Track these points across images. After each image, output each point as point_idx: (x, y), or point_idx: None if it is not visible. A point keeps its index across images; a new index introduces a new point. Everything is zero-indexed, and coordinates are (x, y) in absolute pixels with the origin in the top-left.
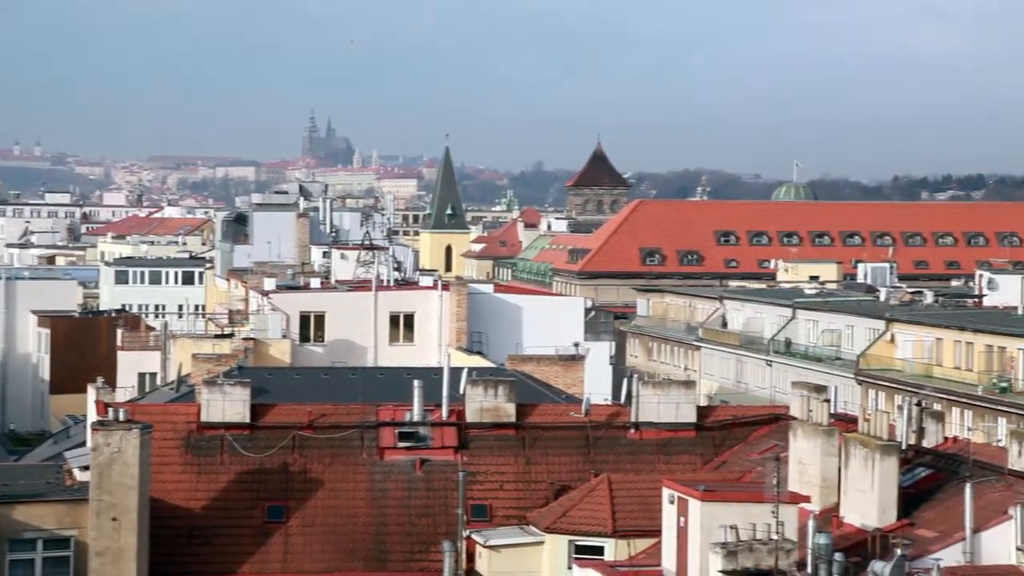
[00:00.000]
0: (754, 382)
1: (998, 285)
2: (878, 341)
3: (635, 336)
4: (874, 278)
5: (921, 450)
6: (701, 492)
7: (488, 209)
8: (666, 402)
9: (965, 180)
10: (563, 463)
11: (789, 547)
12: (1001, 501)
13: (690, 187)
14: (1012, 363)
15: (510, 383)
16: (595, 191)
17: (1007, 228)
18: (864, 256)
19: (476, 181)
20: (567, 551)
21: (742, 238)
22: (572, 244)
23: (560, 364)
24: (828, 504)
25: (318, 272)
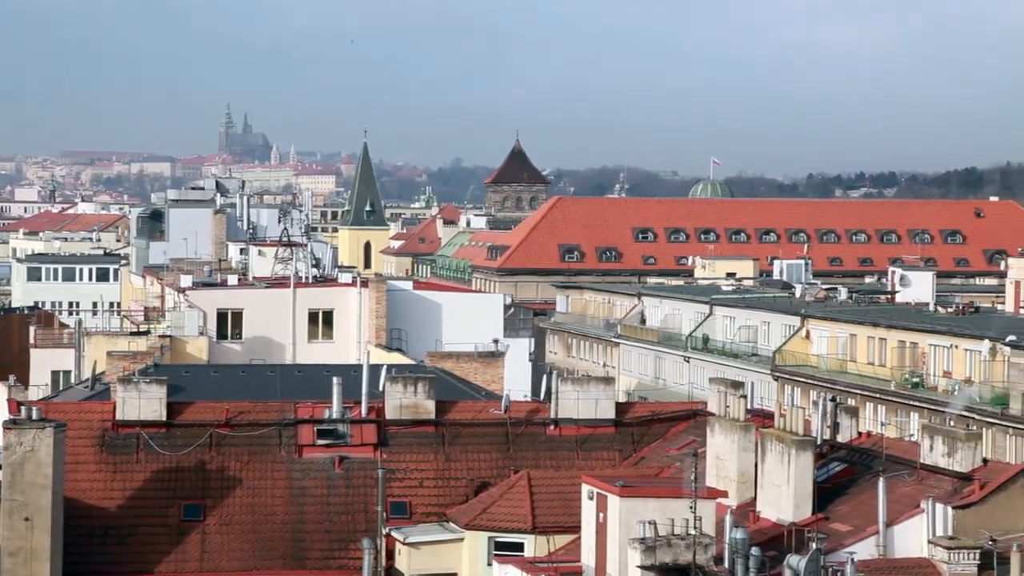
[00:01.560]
0: (672, 378)
1: (910, 282)
2: (794, 337)
3: (554, 333)
4: (790, 275)
5: (836, 445)
6: (620, 488)
7: (407, 206)
8: (585, 398)
9: (878, 178)
10: (483, 460)
11: (707, 542)
12: (913, 495)
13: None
14: (924, 359)
15: (429, 380)
16: (514, 188)
17: (919, 225)
18: (780, 253)
19: (395, 178)
20: (487, 548)
21: (660, 235)
22: (491, 241)
23: (479, 361)
24: (745, 499)
25: (235, 269)
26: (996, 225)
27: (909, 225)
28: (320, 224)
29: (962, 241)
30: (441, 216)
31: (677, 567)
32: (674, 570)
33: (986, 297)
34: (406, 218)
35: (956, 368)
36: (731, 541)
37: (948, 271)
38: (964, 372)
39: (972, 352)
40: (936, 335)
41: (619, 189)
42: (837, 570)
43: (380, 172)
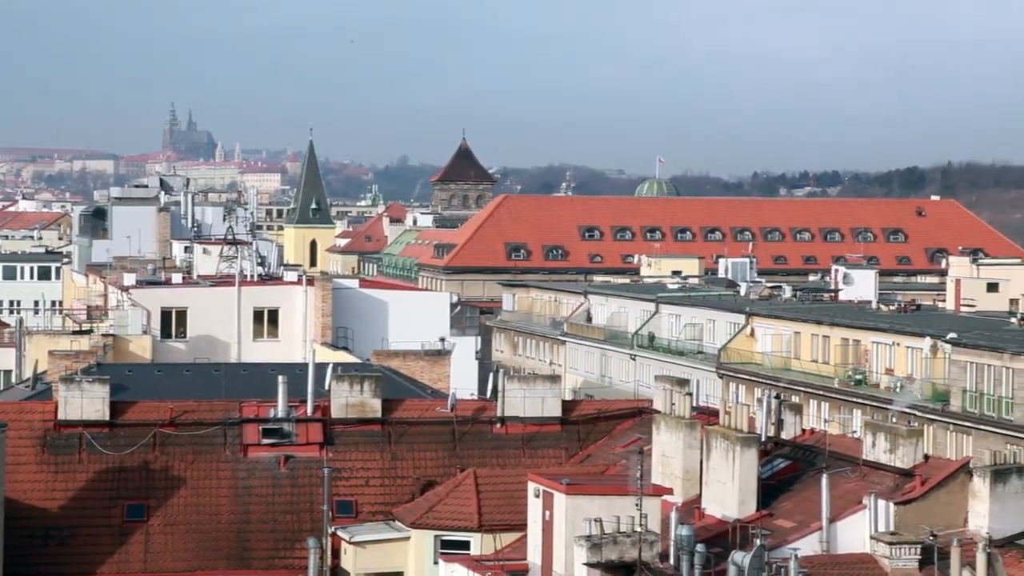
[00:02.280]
0: (618, 376)
1: (853, 280)
2: (738, 335)
3: (501, 331)
4: (734, 273)
5: (780, 442)
6: (566, 486)
7: (353, 204)
8: (531, 396)
9: (822, 177)
10: (429, 458)
11: (652, 539)
12: (856, 491)
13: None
14: (867, 356)
15: (375, 378)
16: (461, 186)
17: (862, 224)
18: (725, 251)
19: (341, 176)
20: (433, 546)
21: (606, 233)
22: (438, 239)
23: (426, 359)
24: (690, 496)
25: (180, 267)
26: (937, 224)
27: (852, 224)
28: (265, 222)
29: (904, 240)
30: (387, 214)
31: (623, 564)
32: (620, 567)
33: (927, 295)
34: (352, 216)
35: (898, 365)
36: (676, 538)
37: (890, 269)
38: (906, 369)
39: (914, 350)
40: (878, 333)
41: (565, 187)
42: (781, 566)
43: (326, 170)
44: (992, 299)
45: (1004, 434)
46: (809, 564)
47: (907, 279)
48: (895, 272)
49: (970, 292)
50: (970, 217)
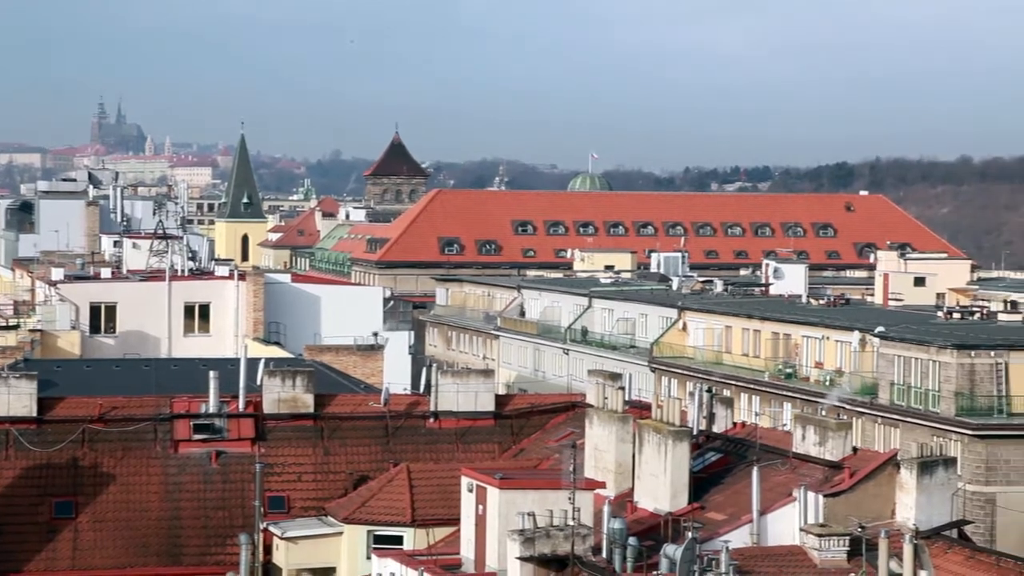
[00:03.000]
0: (551, 370)
1: (783, 274)
2: (671, 329)
3: (434, 325)
4: (667, 267)
5: (711, 435)
6: (499, 480)
7: (285, 198)
8: (465, 391)
9: (752, 172)
10: (362, 453)
11: (585, 532)
12: (786, 483)
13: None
14: (797, 350)
15: (308, 373)
16: (394, 180)
17: (792, 219)
18: (657, 246)
19: (273, 170)
20: (366, 541)
21: (539, 228)
22: (371, 233)
23: (359, 354)
24: (623, 489)
25: (109, 262)
26: (866, 219)
27: (782, 218)
28: (196, 216)
29: (833, 234)
30: (320, 209)
31: (556, 558)
32: (553, 561)
33: (856, 289)
34: (284, 211)
35: (827, 359)
36: (609, 531)
37: (820, 264)
38: (835, 363)
39: (843, 343)
40: (808, 327)
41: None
42: (712, 558)
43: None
44: (919, 293)
45: (931, 427)
46: (740, 556)
47: (836, 273)
48: (824, 266)
49: (898, 286)
50: (898, 212)
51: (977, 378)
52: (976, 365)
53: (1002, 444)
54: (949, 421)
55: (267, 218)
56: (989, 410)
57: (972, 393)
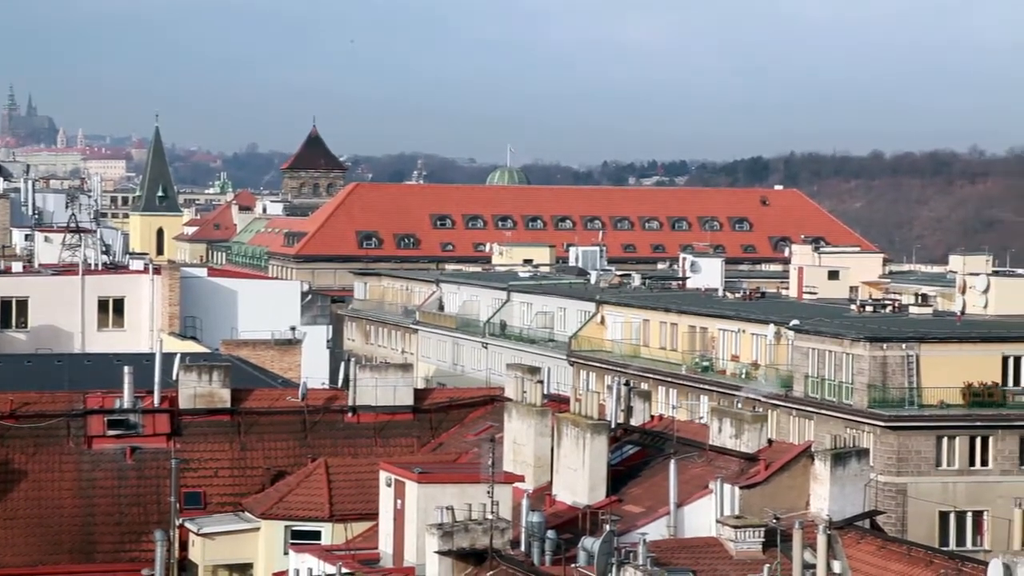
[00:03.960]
0: (470, 364)
1: (700, 268)
2: (589, 323)
3: (352, 320)
4: (585, 261)
5: (629, 428)
6: (417, 474)
7: (201, 191)
8: (383, 385)
9: (669, 166)
10: (280, 448)
11: (503, 526)
12: (703, 476)
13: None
14: (713, 343)
15: (224, 368)
16: (311, 174)
17: (708, 213)
18: (575, 240)
19: (188, 163)
20: (283, 537)
21: (458, 222)
22: (288, 227)
23: (276, 348)
24: (542, 483)
25: (20, 256)
26: (781, 213)
27: (699, 212)
28: (110, 210)
29: (749, 228)
30: (236, 202)
31: (474, 551)
32: (471, 555)
33: (771, 283)
34: (200, 204)
35: (743, 352)
36: (527, 525)
37: (736, 257)
38: (751, 356)
39: (758, 336)
40: (724, 320)
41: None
42: (629, 551)
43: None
44: (833, 286)
45: (844, 418)
46: (657, 548)
47: (752, 267)
48: (741, 260)
49: (812, 280)
50: (812, 206)
51: (889, 370)
52: (888, 357)
53: (913, 435)
54: (862, 413)
55: (183, 212)
56: (901, 402)
57: (884, 385)
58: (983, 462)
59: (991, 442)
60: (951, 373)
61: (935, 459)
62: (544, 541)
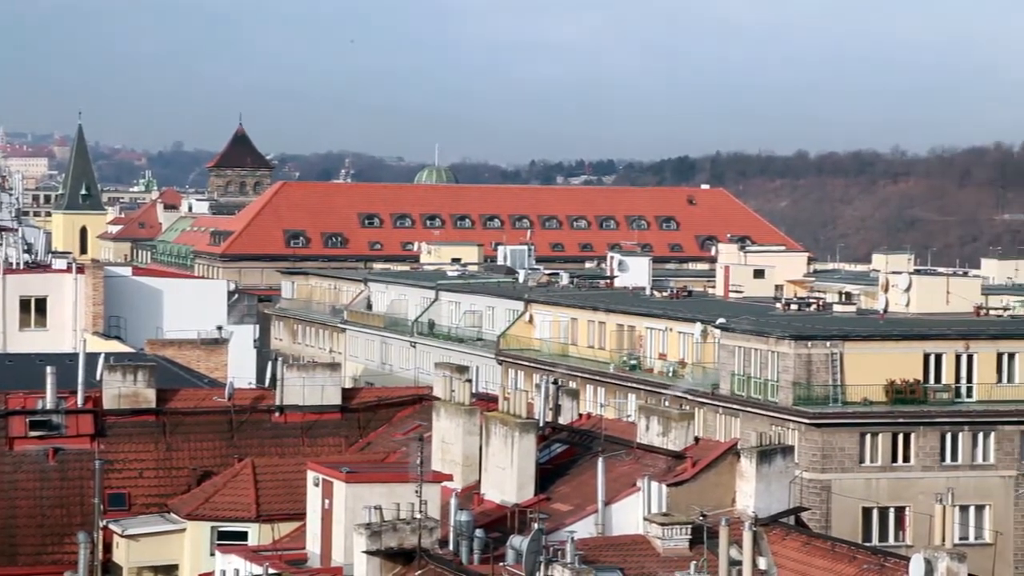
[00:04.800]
0: (398, 363)
1: (628, 267)
2: (517, 322)
3: (280, 319)
4: (513, 260)
5: (557, 427)
6: (345, 474)
7: (126, 190)
8: (311, 385)
9: (597, 165)
10: (206, 448)
11: (432, 525)
12: (630, 474)
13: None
14: (641, 342)
15: (149, 368)
16: (238, 172)
17: (636, 212)
18: (503, 239)
19: (112, 161)
20: (209, 537)
21: (386, 220)
22: (214, 226)
23: (202, 348)
24: (470, 482)
25: None
26: (707, 212)
27: (626, 212)
28: (32, 208)
29: (676, 228)
30: (162, 200)
31: (402, 551)
32: (399, 554)
33: (698, 281)
34: (124, 203)
35: (671, 350)
36: (456, 524)
37: (663, 256)
38: (678, 354)
39: (685, 335)
40: (652, 319)
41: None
42: (558, 549)
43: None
44: (759, 285)
45: (770, 416)
46: (585, 547)
47: (679, 266)
48: (668, 259)
49: (738, 278)
50: (738, 205)
51: (813, 368)
52: (812, 355)
53: (837, 432)
54: (787, 410)
55: (107, 210)
56: (825, 399)
57: (809, 383)
58: (905, 458)
59: (913, 439)
60: (874, 371)
61: (858, 456)
62: (472, 540)
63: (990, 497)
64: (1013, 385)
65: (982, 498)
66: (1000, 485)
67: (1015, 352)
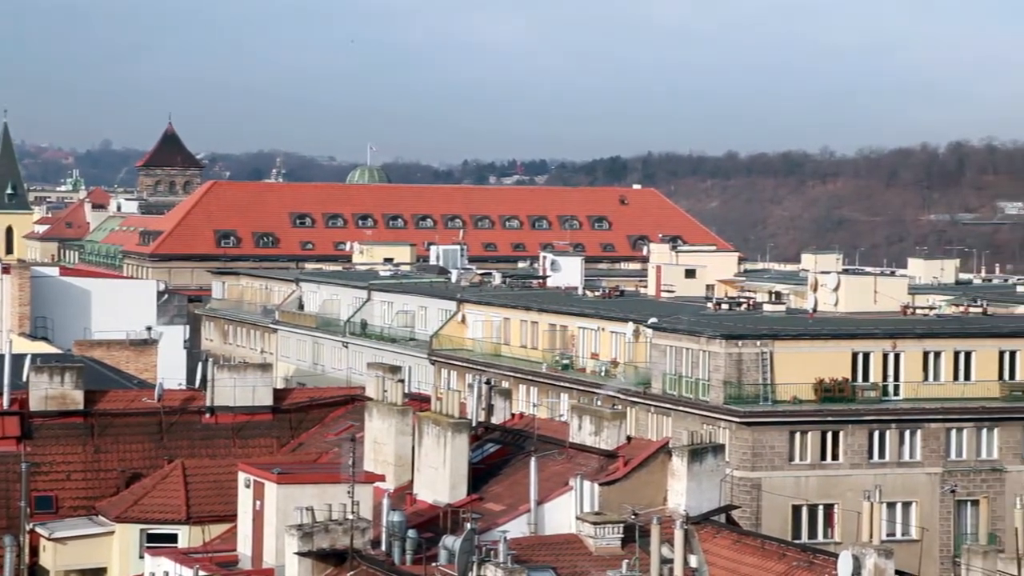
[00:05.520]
0: (331, 364)
1: (560, 266)
2: (450, 321)
3: (210, 319)
4: (446, 260)
5: (490, 426)
6: (277, 475)
7: (53, 189)
8: (242, 385)
9: (530, 165)
10: (135, 450)
11: (364, 526)
12: (563, 473)
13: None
14: (573, 341)
15: (77, 369)
16: (167, 172)
17: (568, 212)
18: (436, 238)
19: (39, 160)
20: (139, 540)
21: (318, 220)
22: (144, 226)
23: (132, 349)
24: (403, 482)
25: None
26: (639, 212)
27: (559, 212)
28: None
29: (608, 227)
30: (90, 200)
31: (334, 552)
32: (331, 555)
33: (630, 281)
34: (52, 202)
35: (603, 350)
36: (388, 524)
37: (595, 256)
38: (610, 354)
39: (617, 334)
40: (584, 318)
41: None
42: (490, 549)
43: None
44: (690, 285)
45: (701, 415)
46: (517, 546)
47: (611, 266)
48: (600, 259)
49: (670, 278)
50: (669, 205)
51: (744, 367)
52: (743, 354)
53: (767, 430)
54: (718, 409)
55: (33, 210)
56: (755, 398)
57: (739, 382)
58: (834, 456)
59: (841, 436)
60: (803, 369)
61: (788, 454)
62: (405, 540)
63: (916, 494)
64: (939, 383)
65: (909, 495)
66: (926, 482)
67: (941, 351)
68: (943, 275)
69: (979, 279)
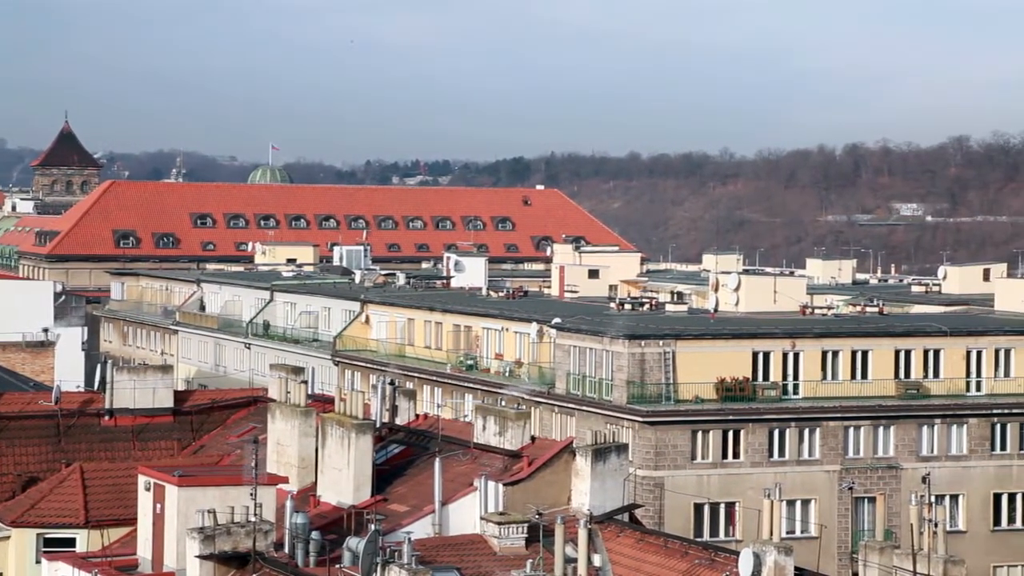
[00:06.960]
0: (233, 365)
1: (464, 267)
2: (353, 322)
3: (109, 320)
4: (349, 261)
5: (395, 427)
6: (178, 478)
7: None
8: (142, 387)
9: (433, 166)
10: (31, 453)
11: (267, 528)
12: (468, 473)
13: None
14: (477, 342)
15: None
16: (64, 171)
17: (472, 212)
18: (339, 239)
19: None
20: (35, 545)
21: (219, 221)
22: (40, 226)
23: (28, 351)
24: (306, 484)
25: None
26: (542, 212)
27: (462, 212)
28: None
29: (512, 228)
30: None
31: (237, 555)
32: (234, 558)
33: (534, 282)
34: None
35: (507, 350)
36: (291, 526)
37: (499, 256)
38: (515, 354)
39: (521, 335)
40: (488, 319)
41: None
42: (395, 550)
43: None
44: (593, 285)
45: (604, 414)
46: (422, 547)
47: (515, 266)
48: (504, 259)
49: (573, 278)
50: (572, 206)
51: (647, 367)
52: (646, 354)
53: (670, 429)
54: (621, 409)
55: None
56: (658, 397)
57: (642, 381)
58: (735, 455)
59: (742, 435)
60: (705, 369)
61: (690, 453)
62: (308, 542)
63: (815, 492)
64: (837, 382)
65: (808, 493)
66: (825, 480)
67: (839, 350)
68: (840, 275)
69: (875, 279)
